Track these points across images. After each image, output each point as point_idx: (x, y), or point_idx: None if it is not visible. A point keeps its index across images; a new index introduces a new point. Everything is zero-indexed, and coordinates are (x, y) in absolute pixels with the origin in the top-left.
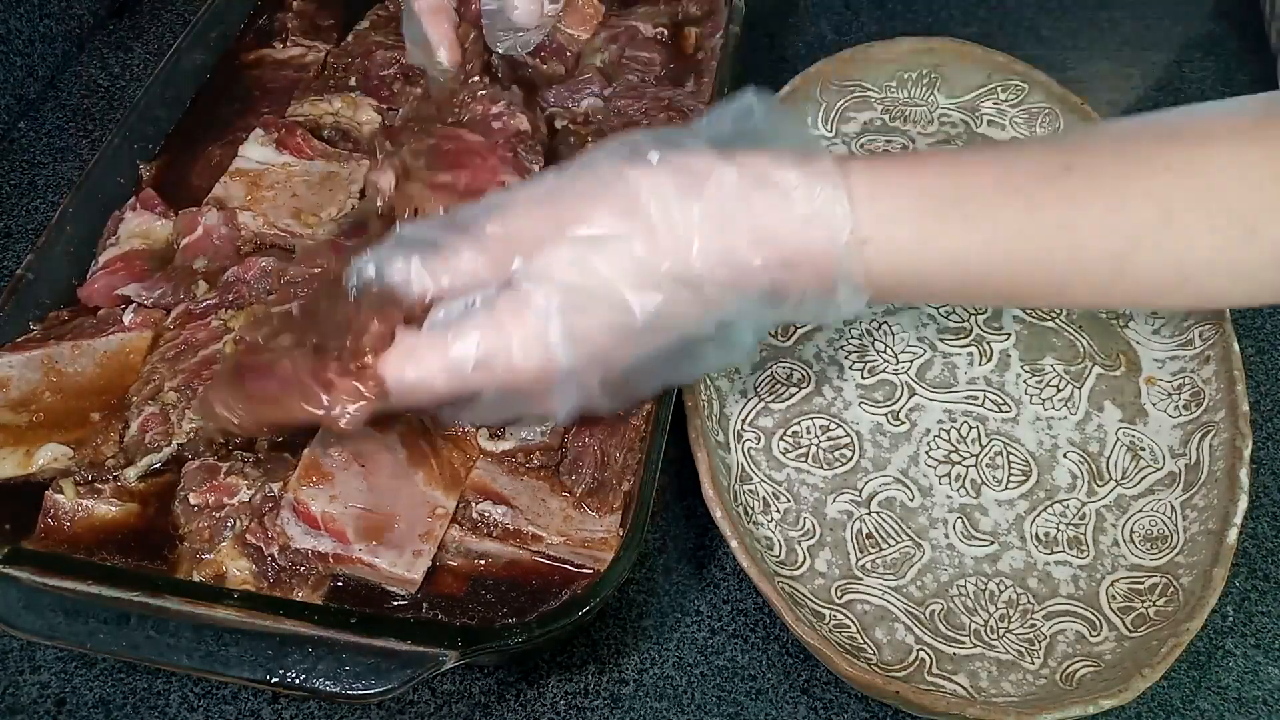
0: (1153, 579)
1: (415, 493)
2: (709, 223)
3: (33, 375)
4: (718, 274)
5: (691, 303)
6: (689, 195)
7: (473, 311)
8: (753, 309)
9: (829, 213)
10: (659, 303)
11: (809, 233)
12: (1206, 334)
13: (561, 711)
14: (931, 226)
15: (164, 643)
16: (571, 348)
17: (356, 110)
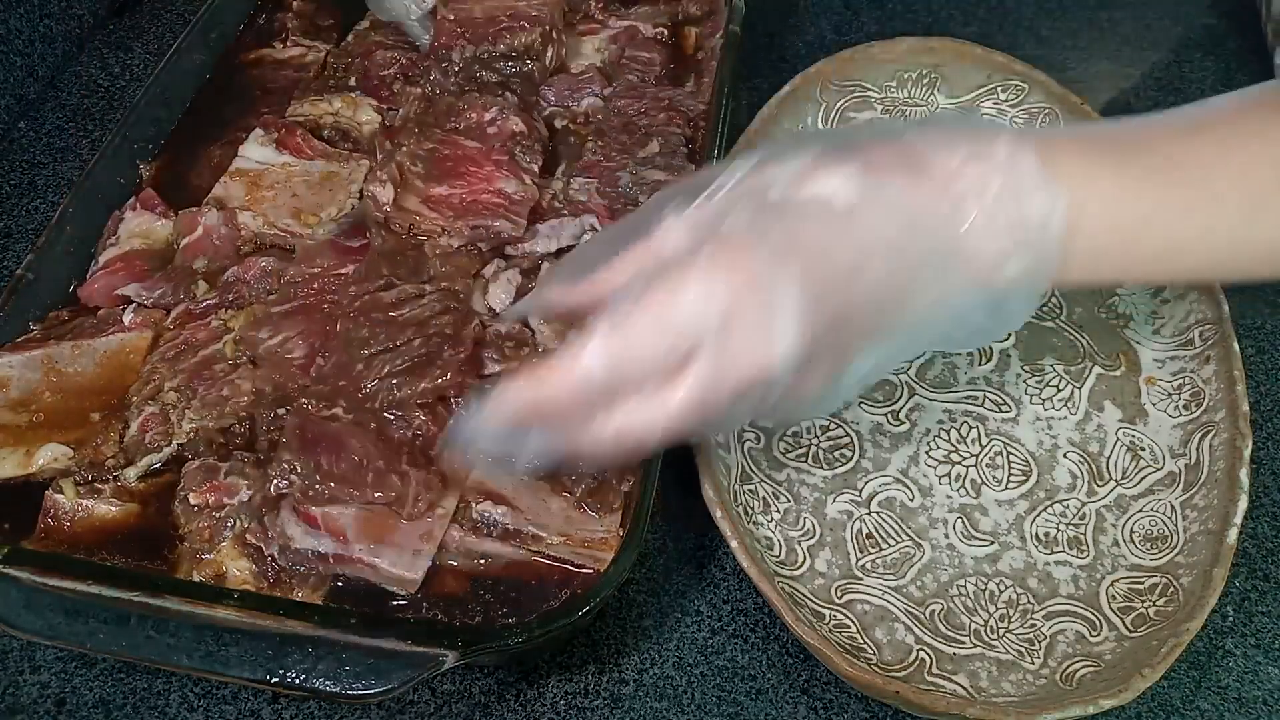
0: (1153, 579)
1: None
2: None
3: (33, 375)
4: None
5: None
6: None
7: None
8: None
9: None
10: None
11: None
12: (1206, 334)
13: (561, 711)
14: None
15: (164, 643)
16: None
17: (356, 110)
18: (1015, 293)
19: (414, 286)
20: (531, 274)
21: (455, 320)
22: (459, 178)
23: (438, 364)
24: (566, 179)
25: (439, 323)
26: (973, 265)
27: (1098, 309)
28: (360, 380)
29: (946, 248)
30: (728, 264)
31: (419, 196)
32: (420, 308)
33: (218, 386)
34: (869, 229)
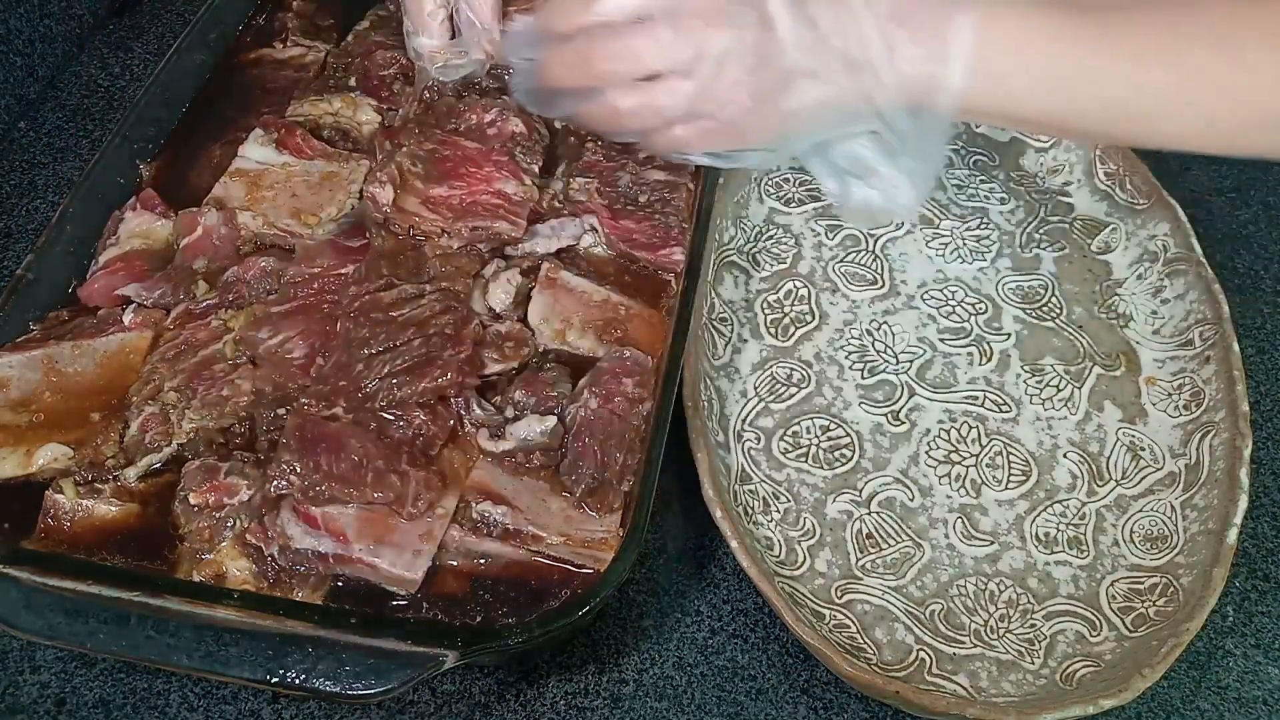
0: (1153, 579)
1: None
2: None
3: (33, 375)
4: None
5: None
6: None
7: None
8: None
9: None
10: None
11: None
12: (1206, 334)
13: (561, 711)
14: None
15: (164, 643)
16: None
17: (356, 110)
18: (935, 107)
19: (414, 287)
20: (531, 274)
21: (455, 320)
22: (458, 179)
23: (438, 364)
24: (566, 179)
25: (439, 323)
26: (907, 58)
27: (1098, 309)
28: (360, 380)
29: (893, 37)
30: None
31: (419, 197)
32: (420, 308)
33: (218, 386)
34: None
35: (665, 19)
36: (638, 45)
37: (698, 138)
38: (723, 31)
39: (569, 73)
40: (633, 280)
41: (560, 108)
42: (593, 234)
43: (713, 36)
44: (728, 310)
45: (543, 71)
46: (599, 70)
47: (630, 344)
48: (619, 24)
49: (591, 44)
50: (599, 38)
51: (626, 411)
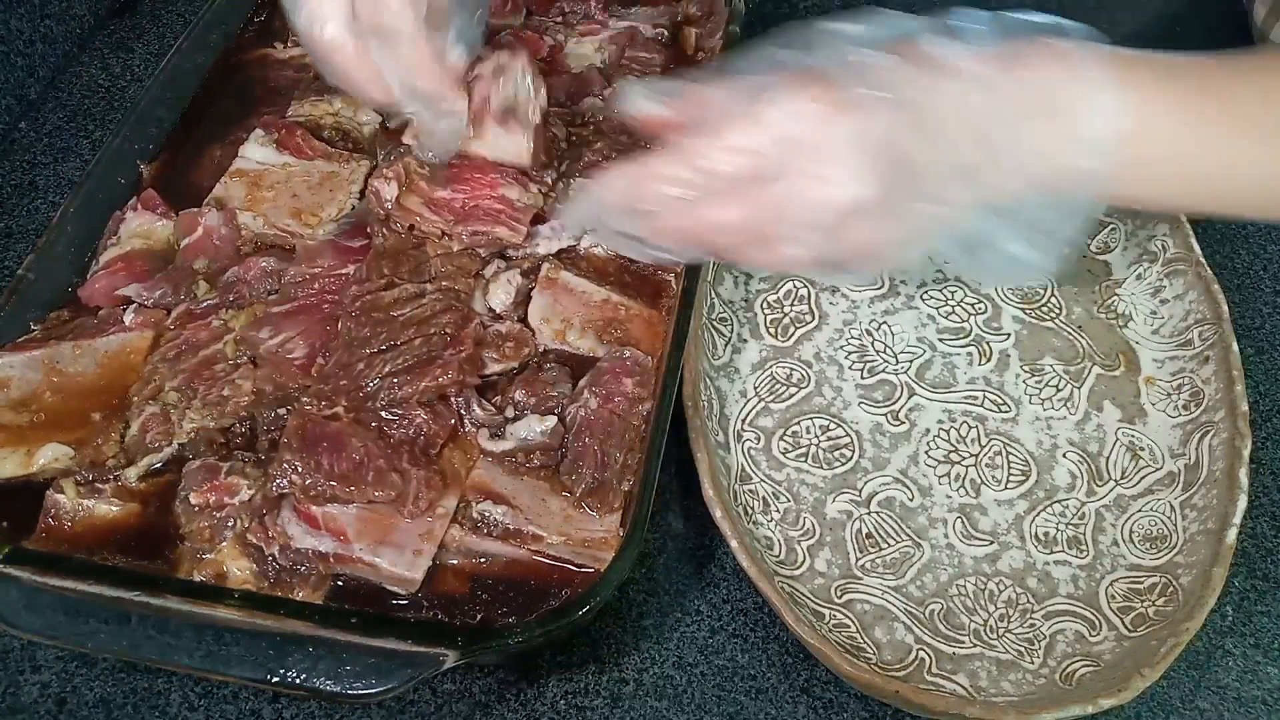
0: (1152, 579)
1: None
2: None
3: (34, 375)
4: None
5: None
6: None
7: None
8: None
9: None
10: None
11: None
12: (1206, 334)
13: (561, 711)
14: (1195, 120)
15: (164, 642)
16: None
17: (357, 111)
18: (1073, 194)
19: (415, 286)
20: (532, 274)
21: (456, 320)
22: (463, 183)
23: (438, 363)
24: (567, 179)
25: (439, 322)
26: (1041, 152)
27: (1097, 309)
28: (361, 379)
29: (1021, 132)
30: (820, 95)
31: (422, 198)
32: (421, 307)
33: (218, 386)
34: (959, 97)
35: (782, 184)
36: (759, 218)
37: (824, 274)
38: (847, 189)
39: (687, 243)
40: (633, 280)
41: (674, 256)
42: (593, 234)
43: (833, 193)
44: (728, 310)
45: (654, 240)
46: (717, 244)
47: (630, 344)
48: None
49: (705, 218)
50: (713, 209)
51: (626, 411)
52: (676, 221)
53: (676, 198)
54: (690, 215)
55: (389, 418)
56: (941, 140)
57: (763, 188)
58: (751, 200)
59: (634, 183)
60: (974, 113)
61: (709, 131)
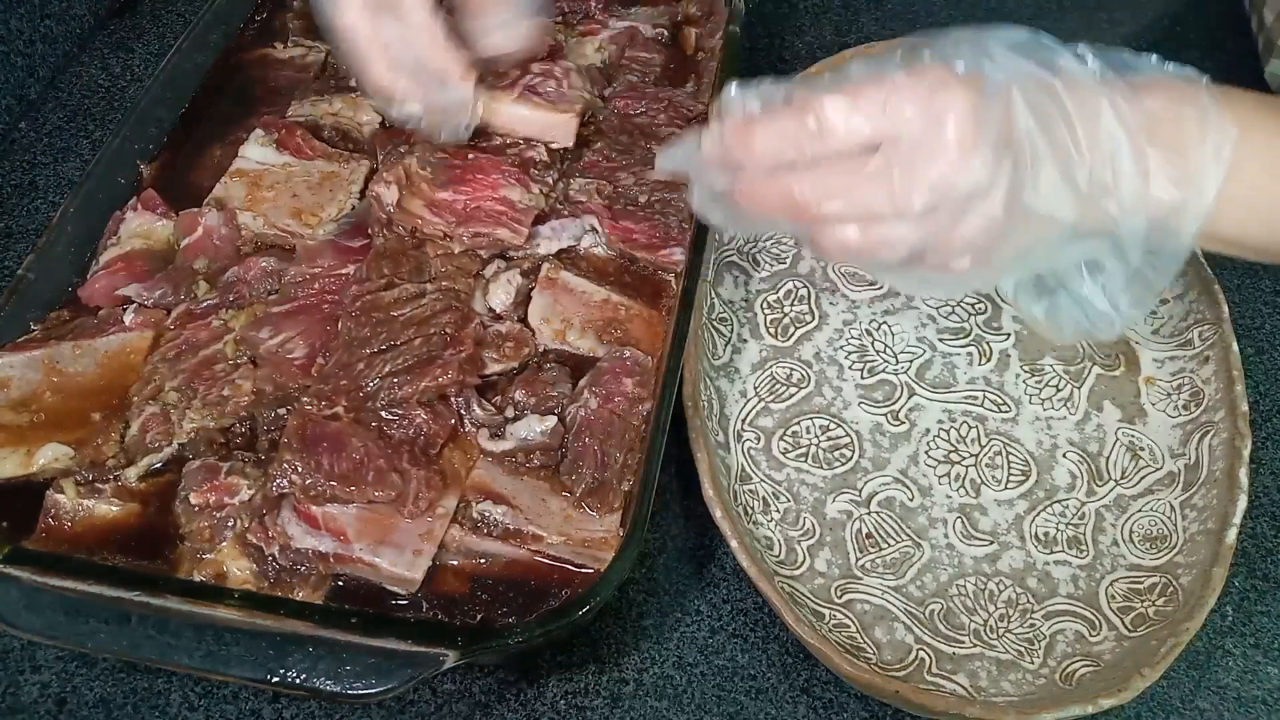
0: (1152, 579)
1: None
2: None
3: (34, 375)
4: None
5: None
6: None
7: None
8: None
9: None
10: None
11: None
12: (1205, 334)
13: (561, 711)
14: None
15: (164, 642)
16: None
17: (357, 111)
18: (1177, 233)
19: (415, 286)
20: (532, 274)
21: (456, 320)
22: (465, 184)
23: (438, 363)
24: (567, 179)
25: (439, 322)
26: (1156, 182)
27: None
28: (361, 379)
29: (1142, 161)
30: (953, 76)
31: (424, 200)
32: (421, 307)
33: (218, 386)
34: (1093, 115)
35: (898, 155)
36: (862, 191)
37: (919, 278)
38: (968, 171)
39: (773, 209)
40: (633, 280)
41: (757, 228)
42: (593, 234)
43: (954, 178)
44: (728, 310)
45: (742, 200)
46: (808, 214)
47: (630, 344)
48: (844, 155)
49: (799, 184)
50: (812, 176)
51: (626, 411)
52: (772, 184)
53: (779, 157)
54: (788, 179)
55: (389, 418)
56: (1068, 150)
57: (879, 159)
58: (863, 170)
59: (736, 134)
60: (1105, 133)
61: (832, 88)
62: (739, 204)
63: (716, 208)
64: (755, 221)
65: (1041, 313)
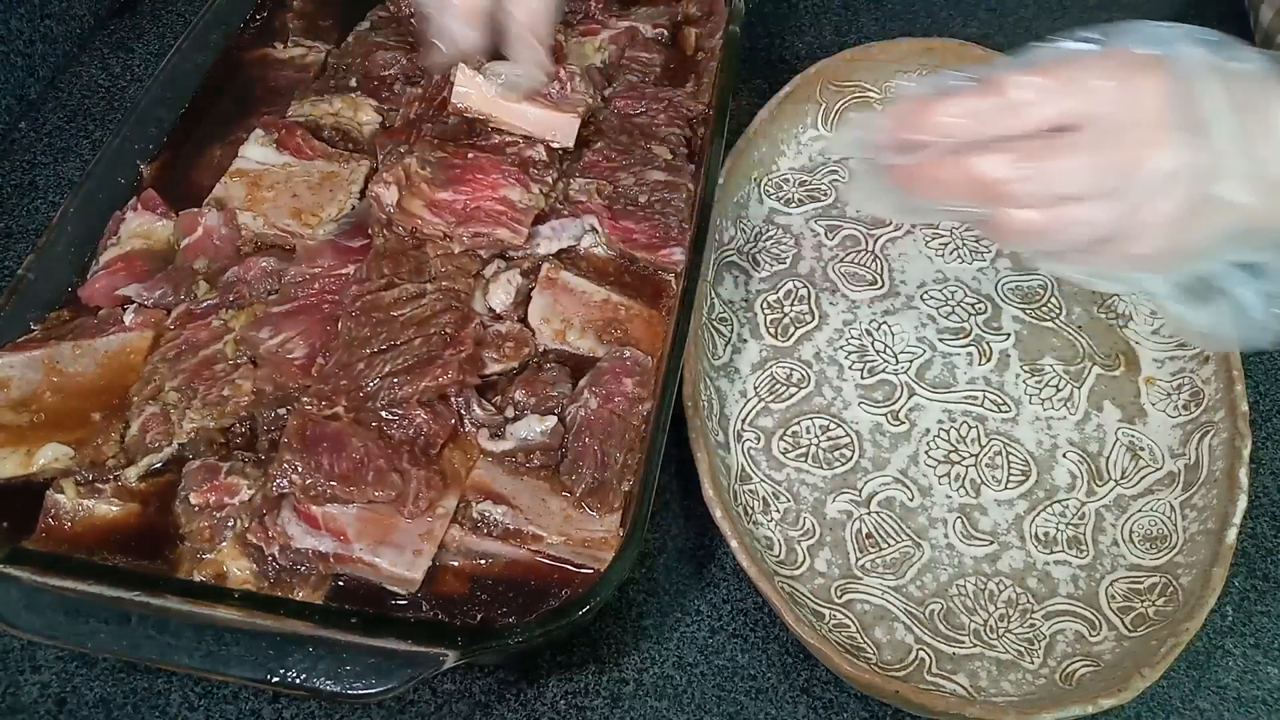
0: (1152, 579)
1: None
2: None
3: (34, 375)
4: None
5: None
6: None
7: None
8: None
9: None
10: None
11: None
12: None
13: (561, 711)
14: None
15: (164, 642)
16: None
17: (357, 111)
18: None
19: (415, 286)
20: (532, 274)
21: (456, 320)
22: (465, 184)
23: (438, 363)
24: (567, 179)
25: (439, 322)
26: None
27: (1097, 309)
28: (361, 379)
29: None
30: (1151, 59)
31: (423, 200)
32: (421, 307)
33: (218, 386)
34: (1272, 106)
35: (1091, 134)
36: (1056, 170)
37: (1094, 264)
38: (1163, 152)
39: (955, 189)
40: (633, 280)
41: (922, 214)
42: (593, 234)
43: (1149, 159)
44: (728, 310)
45: (912, 182)
46: (995, 194)
47: (630, 344)
48: (1031, 135)
49: (988, 164)
50: (1003, 154)
51: (626, 411)
52: (956, 163)
53: (963, 135)
54: (974, 158)
55: (389, 418)
56: (1255, 139)
57: (1072, 137)
58: (1055, 149)
59: (919, 110)
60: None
61: (1017, 69)
62: (913, 185)
63: (880, 195)
64: (927, 204)
65: (1191, 315)
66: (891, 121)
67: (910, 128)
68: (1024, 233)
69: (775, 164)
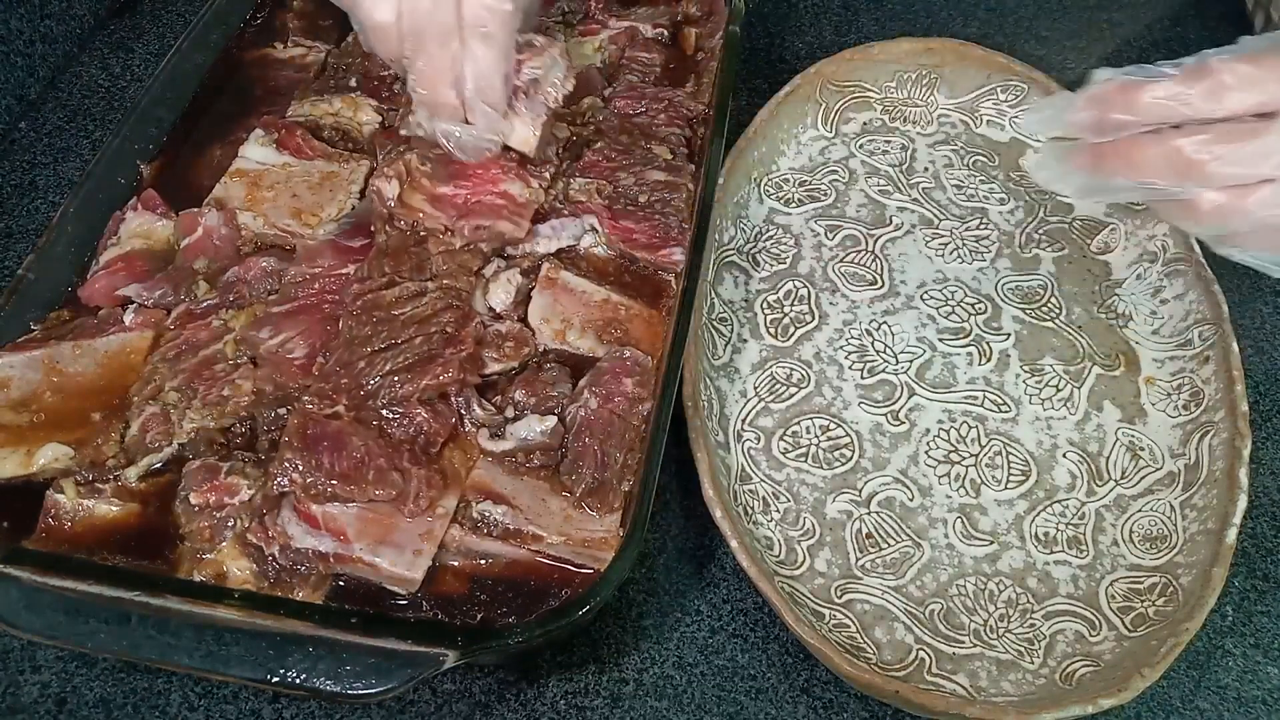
0: (1152, 579)
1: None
2: None
3: (34, 375)
4: None
5: None
6: None
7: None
8: None
9: None
10: None
11: None
12: (1206, 334)
13: (561, 711)
14: None
15: (164, 642)
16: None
17: (357, 110)
18: None
19: (416, 284)
20: (532, 274)
21: (456, 319)
22: (465, 179)
23: (439, 362)
24: (567, 179)
25: (440, 321)
26: None
27: (1097, 309)
28: (362, 378)
29: None
30: None
31: (424, 194)
32: (422, 306)
33: (218, 386)
34: None
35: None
36: (1255, 151)
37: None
38: None
39: (1151, 168)
40: (633, 280)
41: (1108, 194)
42: (593, 234)
43: None
44: (728, 310)
45: (1106, 161)
46: (1195, 173)
47: (630, 344)
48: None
49: (1191, 143)
50: (1198, 135)
51: (626, 411)
52: (1157, 142)
53: (1164, 117)
54: (1175, 138)
55: (390, 416)
56: None
57: (1268, 121)
58: (1252, 131)
59: (1124, 91)
60: None
61: (1225, 56)
62: (1108, 165)
63: (1067, 175)
64: (1117, 184)
65: None
66: (1090, 103)
67: (1114, 108)
68: (1216, 214)
69: (775, 164)
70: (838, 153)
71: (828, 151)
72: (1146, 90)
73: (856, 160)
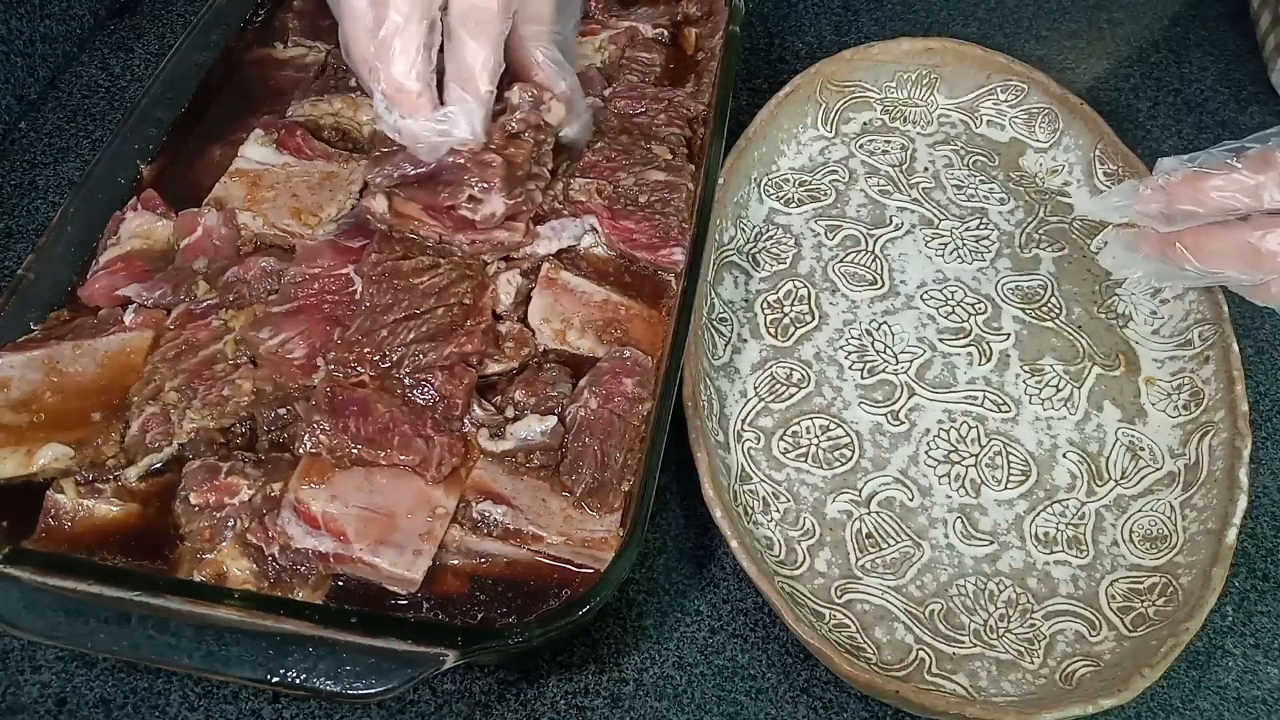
0: (1152, 579)
1: (416, 492)
2: None
3: (34, 375)
4: None
5: None
6: None
7: None
8: None
9: None
10: None
11: None
12: (1206, 334)
13: (561, 711)
14: None
15: (164, 642)
16: None
17: (357, 111)
18: None
19: (429, 258)
20: (532, 274)
21: (474, 289)
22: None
23: (461, 331)
24: (566, 179)
25: (458, 290)
26: None
27: (1097, 309)
28: (385, 347)
29: None
30: None
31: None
32: (439, 275)
33: (218, 386)
34: None
35: None
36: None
37: None
38: None
39: (1225, 259)
40: (633, 280)
41: (1179, 279)
42: (593, 234)
43: None
44: (728, 310)
45: (1176, 250)
46: (1267, 264)
47: (630, 344)
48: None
49: (1261, 238)
50: (1268, 229)
51: (626, 411)
52: (1228, 233)
53: (1231, 207)
54: (1245, 230)
55: (412, 384)
56: None
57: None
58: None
59: (1192, 182)
60: None
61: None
62: (1176, 254)
63: (1137, 260)
64: (1185, 270)
65: None
66: (1157, 192)
67: (1181, 200)
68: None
69: (775, 164)
70: (838, 153)
71: (828, 151)
72: (1212, 182)
73: (856, 160)
